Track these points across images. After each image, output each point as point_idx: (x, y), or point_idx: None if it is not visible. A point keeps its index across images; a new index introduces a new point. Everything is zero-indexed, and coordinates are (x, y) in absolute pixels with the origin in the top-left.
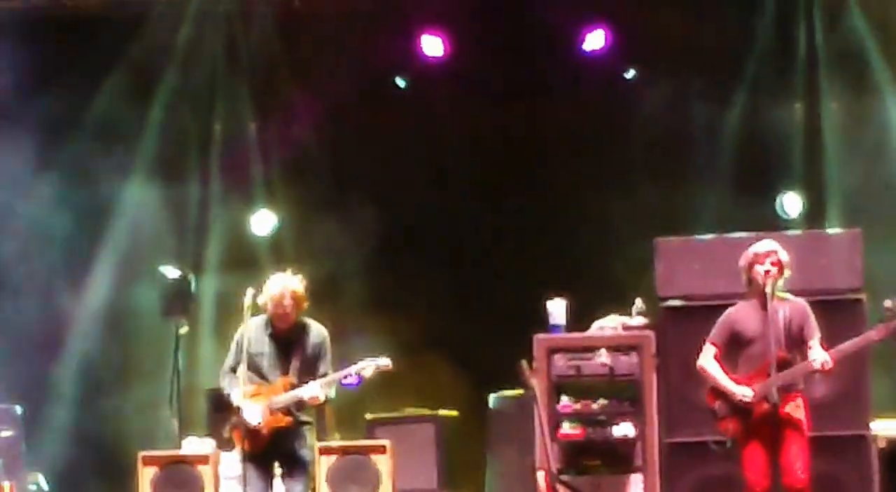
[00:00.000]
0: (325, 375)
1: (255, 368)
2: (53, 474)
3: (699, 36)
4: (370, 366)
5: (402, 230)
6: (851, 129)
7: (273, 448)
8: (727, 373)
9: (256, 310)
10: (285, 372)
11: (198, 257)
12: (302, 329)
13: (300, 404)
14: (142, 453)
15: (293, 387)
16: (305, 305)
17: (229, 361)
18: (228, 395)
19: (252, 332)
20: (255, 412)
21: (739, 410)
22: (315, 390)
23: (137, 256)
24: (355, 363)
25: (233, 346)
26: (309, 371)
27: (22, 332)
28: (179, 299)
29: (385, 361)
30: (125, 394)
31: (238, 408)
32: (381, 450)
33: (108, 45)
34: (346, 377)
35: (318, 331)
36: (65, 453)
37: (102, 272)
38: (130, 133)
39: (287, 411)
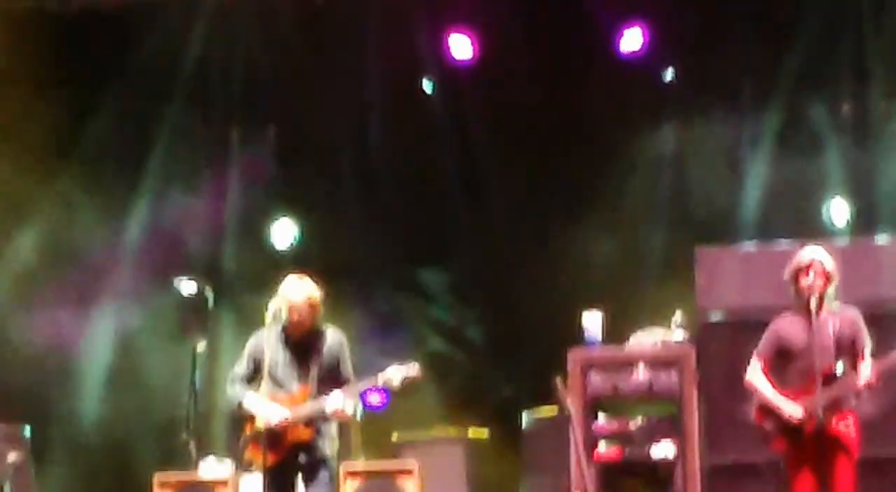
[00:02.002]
0: (347, 380)
1: (271, 378)
2: None
3: (739, 33)
4: (397, 375)
5: (431, 239)
6: None
7: (294, 461)
8: (775, 387)
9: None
10: (303, 381)
11: (216, 270)
12: (318, 335)
13: (324, 417)
14: (157, 476)
15: (313, 396)
16: (322, 311)
17: (240, 370)
18: (239, 403)
19: (266, 340)
20: (275, 411)
21: (789, 429)
22: (339, 402)
23: (152, 269)
24: (382, 371)
25: (244, 355)
26: (329, 379)
27: (33, 349)
28: (196, 316)
29: (413, 370)
30: (140, 414)
31: (252, 416)
32: (409, 472)
33: (121, 43)
34: (371, 389)
35: (334, 336)
36: (76, 476)
37: (116, 286)
38: (143, 138)
39: (308, 423)
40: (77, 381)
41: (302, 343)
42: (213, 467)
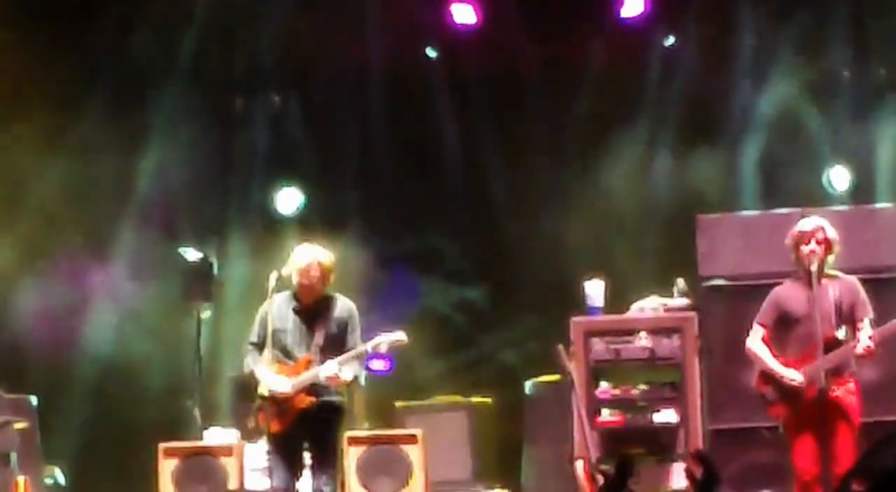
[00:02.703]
0: (353, 349)
1: (279, 344)
2: (70, 466)
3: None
4: (385, 341)
5: (434, 207)
6: None
7: (299, 432)
8: (776, 355)
9: (281, 289)
10: (308, 348)
11: (220, 238)
12: (327, 303)
13: (326, 384)
14: (162, 445)
15: (316, 364)
16: (332, 278)
17: (253, 337)
18: (251, 372)
19: (276, 307)
20: (281, 382)
21: (789, 395)
22: (332, 369)
23: (157, 236)
24: (370, 340)
25: (256, 321)
26: (335, 347)
27: (37, 317)
28: (200, 282)
29: (399, 336)
30: (144, 382)
31: (261, 385)
32: (413, 440)
33: (118, 15)
34: (363, 355)
35: (344, 305)
36: (82, 445)
37: (120, 253)
38: (146, 107)
39: (310, 391)
40: (82, 350)
41: (311, 310)
42: (218, 436)
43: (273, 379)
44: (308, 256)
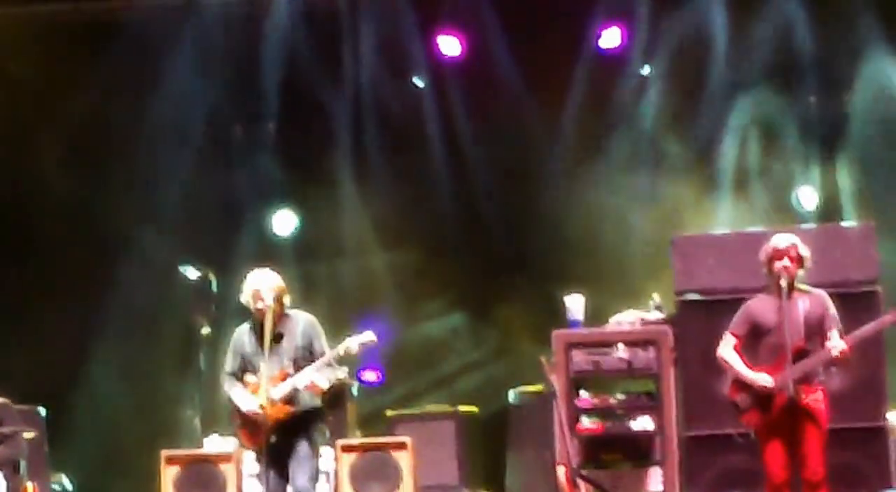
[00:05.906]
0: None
1: (253, 368)
2: (76, 474)
3: (713, 31)
4: (354, 343)
5: (421, 228)
6: (865, 123)
7: (281, 441)
8: (748, 365)
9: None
10: (280, 364)
11: (221, 257)
12: (289, 320)
13: (303, 393)
14: (164, 453)
15: (291, 376)
16: (287, 298)
17: (227, 366)
18: (230, 397)
19: (244, 334)
20: (251, 401)
21: (760, 402)
22: (309, 376)
23: (159, 256)
24: (340, 343)
25: (229, 351)
26: (305, 358)
27: (48, 331)
28: (200, 300)
29: (368, 336)
30: (148, 393)
31: (238, 406)
32: (403, 447)
33: (124, 44)
34: (336, 358)
35: (305, 318)
36: (88, 453)
37: (125, 273)
38: (149, 134)
39: (287, 401)
40: (88, 365)
41: (274, 330)
42: (217, 444)
43: (245, 400)
44: (257, 284)
